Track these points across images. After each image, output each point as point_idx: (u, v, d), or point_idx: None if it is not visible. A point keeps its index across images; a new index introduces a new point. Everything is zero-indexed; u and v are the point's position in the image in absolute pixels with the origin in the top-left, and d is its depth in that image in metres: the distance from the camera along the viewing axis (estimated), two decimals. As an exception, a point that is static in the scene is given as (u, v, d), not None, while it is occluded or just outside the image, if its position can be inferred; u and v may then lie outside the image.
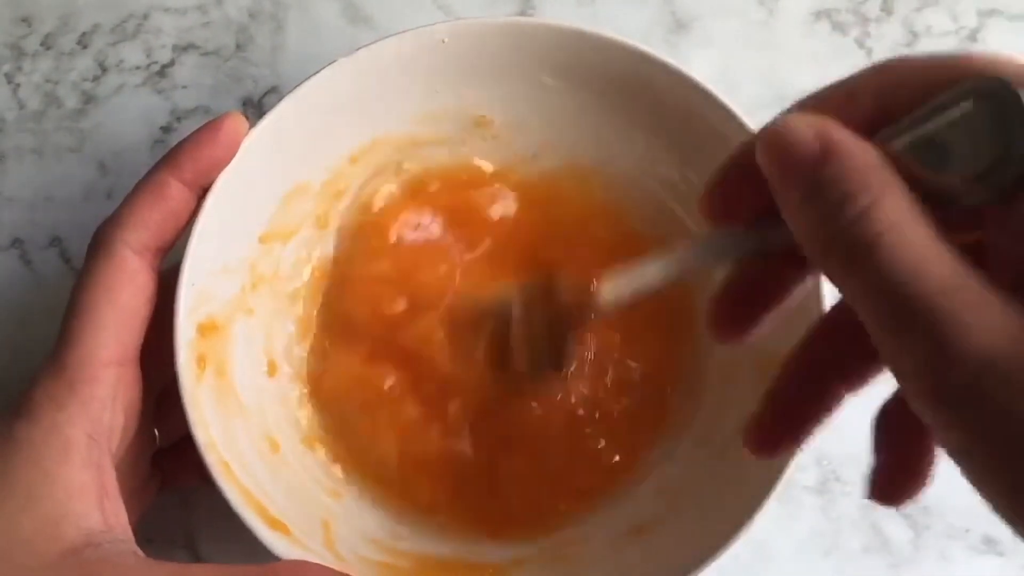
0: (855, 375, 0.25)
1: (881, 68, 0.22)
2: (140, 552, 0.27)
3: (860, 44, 0.43)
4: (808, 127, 0.21)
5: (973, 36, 0.43)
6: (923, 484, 0.24)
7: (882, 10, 0.44)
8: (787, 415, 0.26)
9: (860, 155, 0.20)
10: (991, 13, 0.44)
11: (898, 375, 0.20)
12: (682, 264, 0.27)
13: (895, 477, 0.24)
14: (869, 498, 0.25)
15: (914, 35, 0.43)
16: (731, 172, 0.25)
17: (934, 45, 0.43)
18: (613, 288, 0.29)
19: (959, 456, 0.19)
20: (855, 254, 0.19)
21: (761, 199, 0.22)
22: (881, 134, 0.21)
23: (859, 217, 0.19)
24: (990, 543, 0.39)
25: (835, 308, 0.27)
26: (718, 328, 0.27)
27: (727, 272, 0.26)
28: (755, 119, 0.34)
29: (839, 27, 0.43)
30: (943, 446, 0.20)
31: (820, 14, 0.44)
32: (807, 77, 0.43)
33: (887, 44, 0.43)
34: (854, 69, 0.22)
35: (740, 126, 0.34)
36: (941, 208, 0.20)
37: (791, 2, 0.44)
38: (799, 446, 0.26)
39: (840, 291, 0.21)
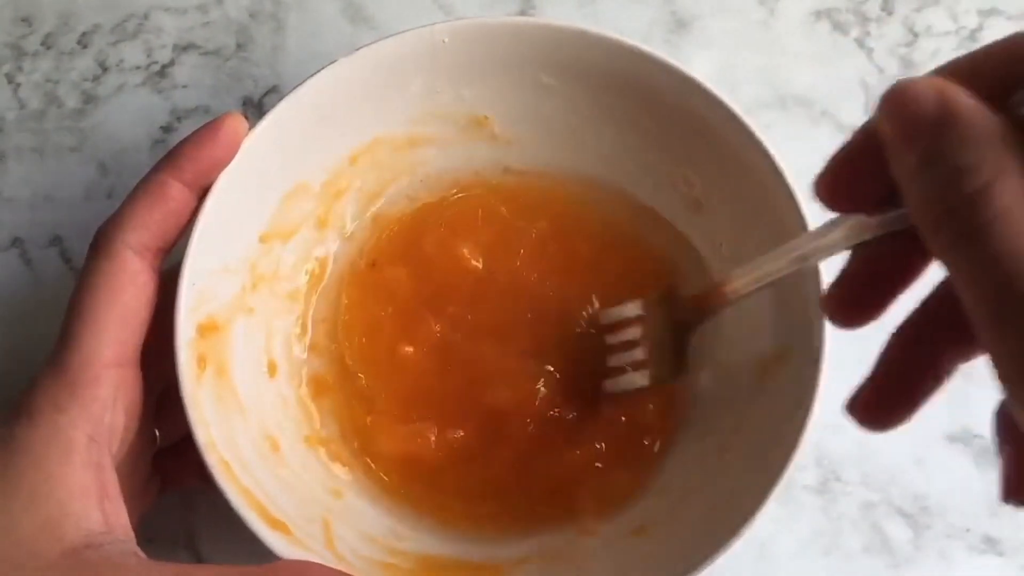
0: (969, 345, 0.24)
1: (1011, 37, 0.21)
2: (141, 553, 0.27)
3: (860, 44, 0.43)
4: (930, 88, 0.20)
5: (973, 36, 0.43)
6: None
7: (882, 10, 0.44)
8: (897, 384, 0.25)
9: (981, 123, 0.19)
10: (991, 13, 0.44)
11: (996, 363, 0.19)
12: (800, 254, 0.28)
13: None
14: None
15: (914, 35, 0.43)
16: (850, 156, 0.23)
17: (934, 45, 0.43)
18: (738, 281, 0.31)
19: None
20: (966, 234, 0.19)
21: (878, 185, 0.22)
22: (1012, 99, 0.20)
23: (975, 196, 0.19)
24: (990, 543, 0.39)
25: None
26: (839, 314, 0.26)
27: (848, 258, 0.26)
28: (755, 119, 0.34)
29: (839, 27, 0.43)
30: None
31: (820, 14, 0.44)
32: (807, 77, 0.43)
33: (887, 44, 0.43)
34: (854, 69, 0.21)
35: (740, 126, 0.34)
36: None
37: (791, 2, 0.44)
38: (909, 417, 0.25)
39: (945, 267, 0.20)
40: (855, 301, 0.26)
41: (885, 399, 0.25)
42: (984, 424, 0.39)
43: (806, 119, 0.42)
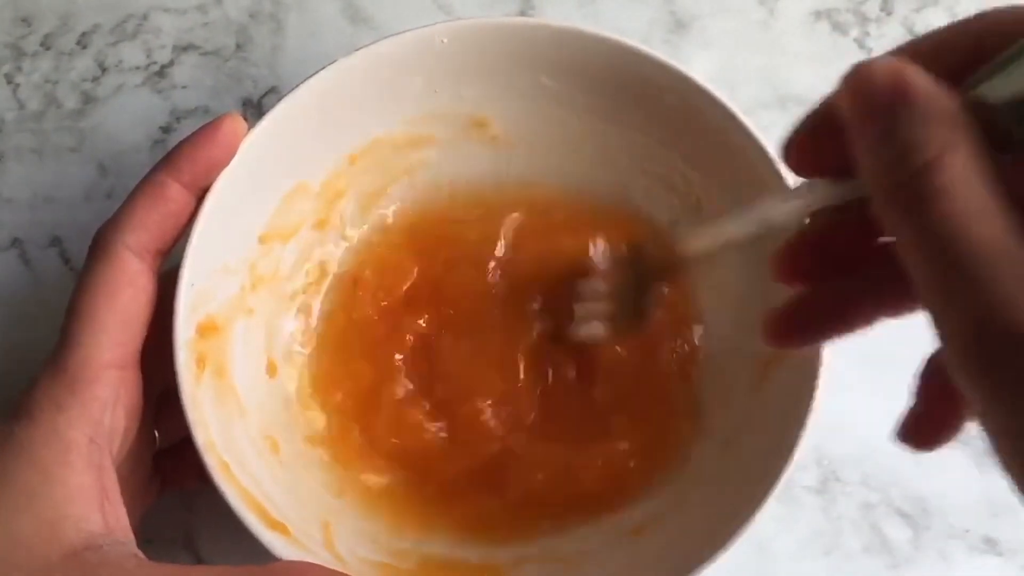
0: (894, 305, 0.25)
1: (978, 16, 0.22)
2: (141, 554, 0.27)
3: (860, 44, 0.43)
4: (888, 69, 0.20)
5: (973, 36, 0.43)
6: (948, 437, 0.24)
7: (882, 10, 0.44)
8: (809, 314, 0.26)
9: (936, 101, 0.20)
10: (991, 13, 0.44)
11: (937, 330, 0.20)
12: (762, 217, 0.28)
13: (924, 425, 0.25)
14: (897, 438, 0.25)
15: (914, 35, 0.43)
16: (817, 121, 0.25)
17: (934, 45, 0.43)
18: (696, 239, 0.31)
19: (982, 419, 0.20)
20: (914, 205, 0.20)
21: (842, 152, 0.22)
22: (969, 80, 0.21)
23: (924, 168, 0.19)
24: (990, 543, 0.39)
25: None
26: (782, 271, 0.27)
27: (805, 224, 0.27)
28: (755, 119, 0.34)
29: (839, 27, 0.43)
30: (969, 405, 0.20)
31: (820, 14, 0.44)
32: (807, 77, 0.43)
33: (887, 44, 0.43)
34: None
35: (740, 126, 0.34)
36: (1018, 155, 0.20)
37: (791, 2, 0.44)
38: (810, 343, 0.26)
39: (896, 241, 0.21)
40: (799, 262, 0.27)
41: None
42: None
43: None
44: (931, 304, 0.20)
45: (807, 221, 0.27)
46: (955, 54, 0.22)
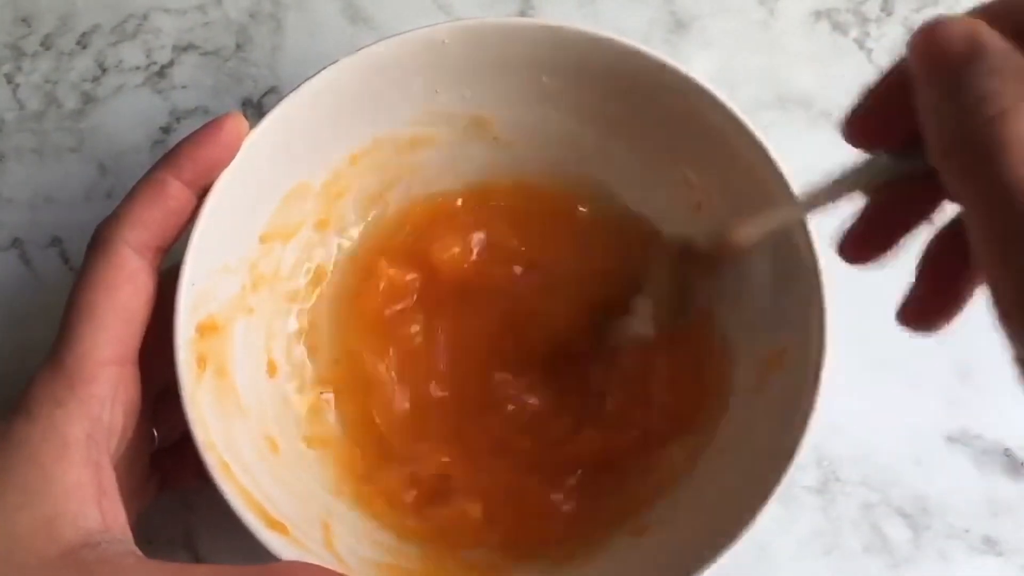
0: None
1: None
2: (139, 552, 0.27)
3: (860, 44, 0.43)
4: (959, 26, 0.21)
5: (973, 36, 0.43)
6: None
7: (882, 10, 0.44)
8: (941, 284, 0.25)
9: (1007, 58, 0.20)
10: (991, 13, 0.44)
11: (994, 289, 0.20)
12: (814, 198, 0.28)
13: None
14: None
15: (914, 35, 0.43)
16: (879, 94, 0.24)
17: (934, 45, 0.43)
18: (748, 227, 0.31)
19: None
20: (981, 156, 0.19)
21: (905, 124, 0.22)
22: None
23: (993, 119, 0.19)
24: (990, 543, 0.39)
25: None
26: (850, 250, 0.27)
27: (864, 202, 0.27)
28: (755, 119, 0.34)
29: (839, 27, 0.43)
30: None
31: (820, 14, 0.44)
32: (807, 77, 0.43)
33: (887, 44, 0.43)
34: (854, 69, 0.22)
35: (740, 126, 0.34)
36: None
37: (791, 2, 0.44)
38: (956, 315, 0.25)
39: (956, 198, 0.20)
40: (865, 240, 0.26)
41: (932, 302, 0.25)
42: (984, 425, 0.39)
43: (805, 119, 0.42)
44: (991, 256, 0.20)
45: (868, 197, 0.27)
46: (1019, 20, 0.22)
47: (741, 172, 0.34)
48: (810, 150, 0.33)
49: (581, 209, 0.39)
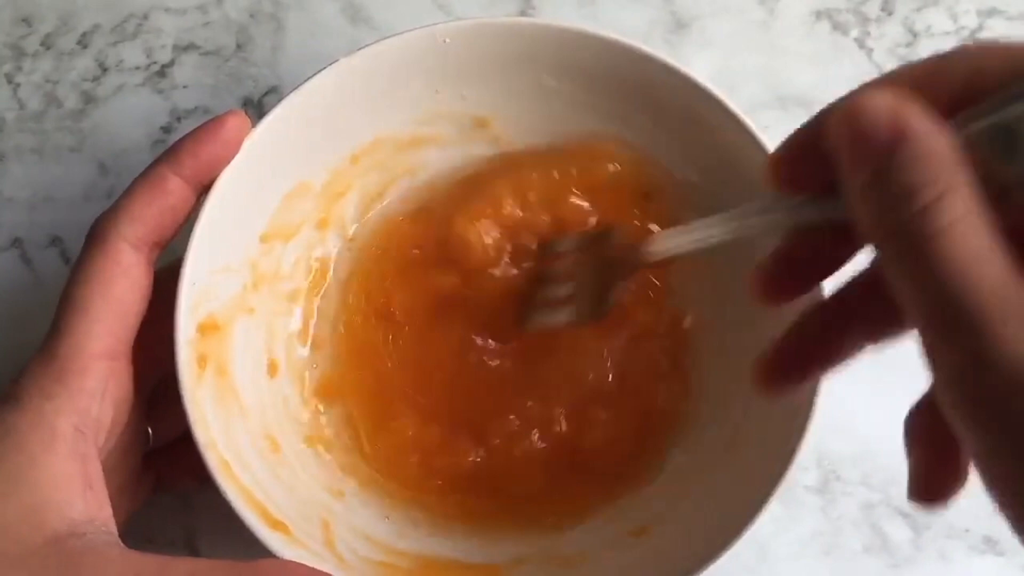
0: (881, 331, 0.25)
1: (975, 48, 0.22)
2: (122, 544, 0.27)
3: (860, 44, 0.43)
4: (885, 109, 0.20)
5: (973, 36, 0.43)
6: (957, 488, 0.24)
7: (882, 10, 0.44)
8: (801, 353, 0.26)
9: (933, 144, 0.20)
10: (991, 13, 0.44)
11: (935, 370, 0.20)
12: (736, 226, 0.28)
13: (931, 478, 0.25)
14: (912, 500, 0.25)
15: (914, 35, 0.43)
16: (802, 140, 0.24)
17: (934, 45, 0.43)
18: (664, 242, 0.30)
19: (977, 459, 0.19)
20: (912, 247, 0.19)
21: (826, 171, 0.22)
22: (960, 116, 0.21)
23: (922, 211, 0.19)
24: (990, 543, 0.39)
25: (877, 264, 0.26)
26: (763, 292, 0.27)
27: (780, 240, 0.27)
28: (755, 119, 0.34)
29: (839, 27, 0.43)
30: (965, 446, 0.20)
31: (820, 14, 0.44)
32: (807, 77, 0.43)
33: (887, 44, 0.43)
34: (854, 69, 0.22)
35: (740, 126, 0.34)
36: (1006, 198, 0.20)
37: (791, 2, 0.44)
38: (802, 384, 0.26)
39: (890, 278, 0.20)
40: (781, 280, 0.27)
41: (786, 363, 0.26)
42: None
43: (805, 119, 0.42)
44: (927, 338, 0.20)
45: (784, 235, 0.27)
46: (945, 88, 0.22)
47: (741, 171, 0.34)
48: (810, 150, 0.33)
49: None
